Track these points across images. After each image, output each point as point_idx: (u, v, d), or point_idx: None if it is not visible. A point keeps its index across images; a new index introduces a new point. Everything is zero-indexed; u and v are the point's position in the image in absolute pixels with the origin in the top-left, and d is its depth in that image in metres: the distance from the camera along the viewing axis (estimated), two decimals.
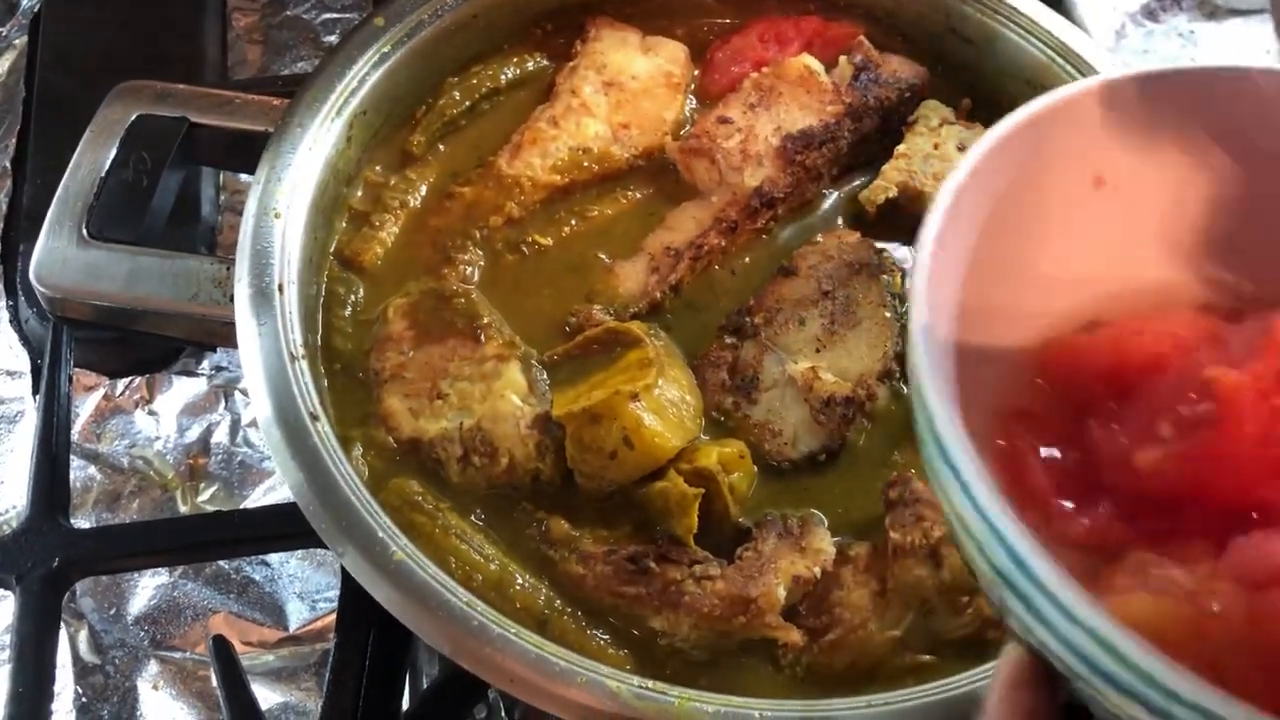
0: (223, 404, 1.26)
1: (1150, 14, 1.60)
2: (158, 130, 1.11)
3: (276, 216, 1.02)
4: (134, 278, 1.04)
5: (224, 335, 1.02)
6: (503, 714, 1.08)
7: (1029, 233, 0.65)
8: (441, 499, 0.97)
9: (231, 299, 0.99)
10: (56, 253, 1.05)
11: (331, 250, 1.11)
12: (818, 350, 1.04)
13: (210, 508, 1.21)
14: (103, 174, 1.08)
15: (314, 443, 0.91)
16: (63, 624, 1.04)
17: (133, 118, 1.11)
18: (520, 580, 0.93)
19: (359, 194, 1.15)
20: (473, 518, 0.97)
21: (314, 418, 0.92)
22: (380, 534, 0.87)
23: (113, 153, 1.09)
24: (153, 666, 1.12)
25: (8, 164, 1.40)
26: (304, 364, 0.96)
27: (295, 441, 0.91)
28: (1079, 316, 0.67)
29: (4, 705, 0.96)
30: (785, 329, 1.05)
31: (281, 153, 1.06)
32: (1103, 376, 0.64)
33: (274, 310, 0.97)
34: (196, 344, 1.23)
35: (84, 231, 1.05)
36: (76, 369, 1.21)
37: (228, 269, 1.03)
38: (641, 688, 0.83)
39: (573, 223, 1.14)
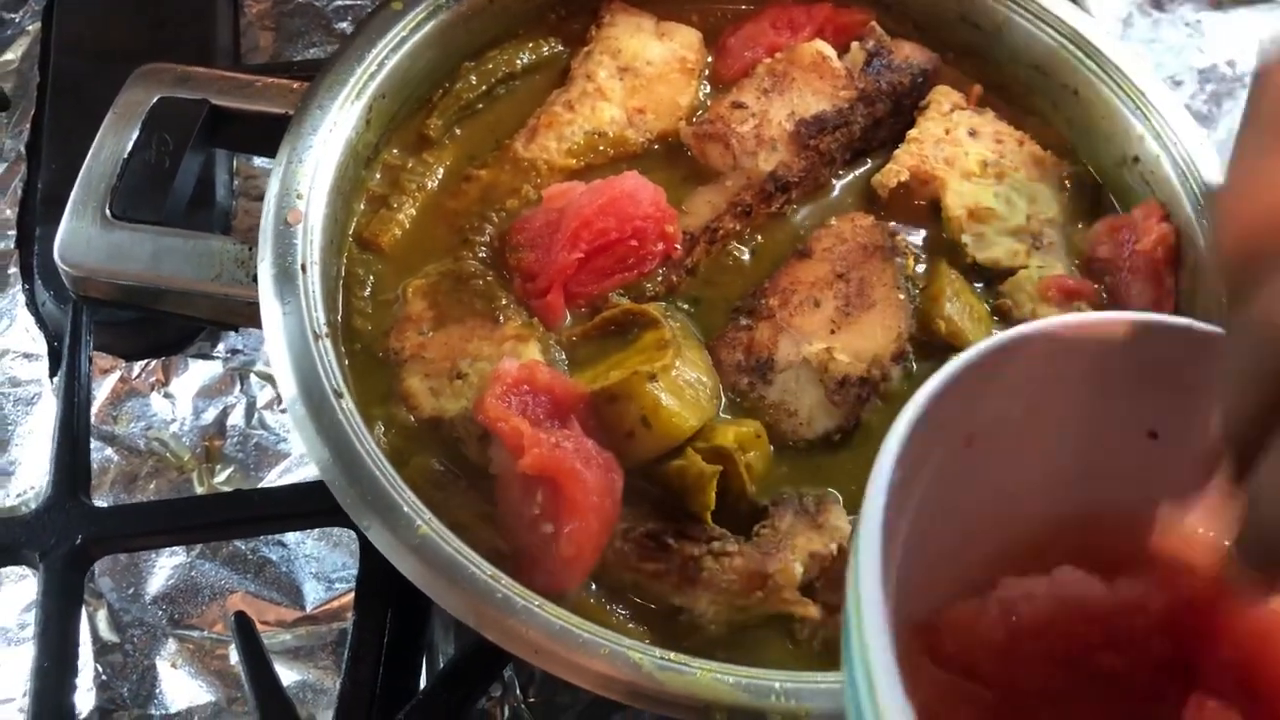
0: (238, 386, 1.27)
1: (1157, 3, 1.61)
2: (179, 112, 1.11)
3: (299, 197, 1.03)
4: (157, 257, 1.05)
5: (246, 315, 1.03)
6: (517, 692, 1.09)
7: (933, 498, 0.66)
8: (462, 477, 0.98)
9: (254, 279, 1.00)
10: (80, 233, 1.05)
11: (350, 232, 1.12)
12: (832, 331, 1.05)
13: (226, 489, 1.21)
14: (125, 155, 1.09)
15: (339, 419, 0.92)
16: (83, 603, 1.05)
17: (154, 100, 1.12)
18: None
19: (377, 176, 1.16)
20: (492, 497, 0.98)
21: (338, 395, 0.93)
22: (405, 508, 0.88)
23: (135, 134, 1.10)
24: (171, 645, 1.13)
25: (22, 149, 1.40)
26: (327, 342, 0.97)
27: (320, 418, 0.92)
28: (975, 579, 0.68)
29: (29, 679, 0.96)
30: (800, 311, 1.06)
31: (302, 135, 1.07)
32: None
33: (297, 289, 0.98)
34: (218, 324, 1.23)
35: (107, 212, 1.06)
36: (93, 351, 1.22)
37: (250, 249, 1.03)
38: (663, 659, 0.84)
39: None
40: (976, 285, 1.13)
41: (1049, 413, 0.68)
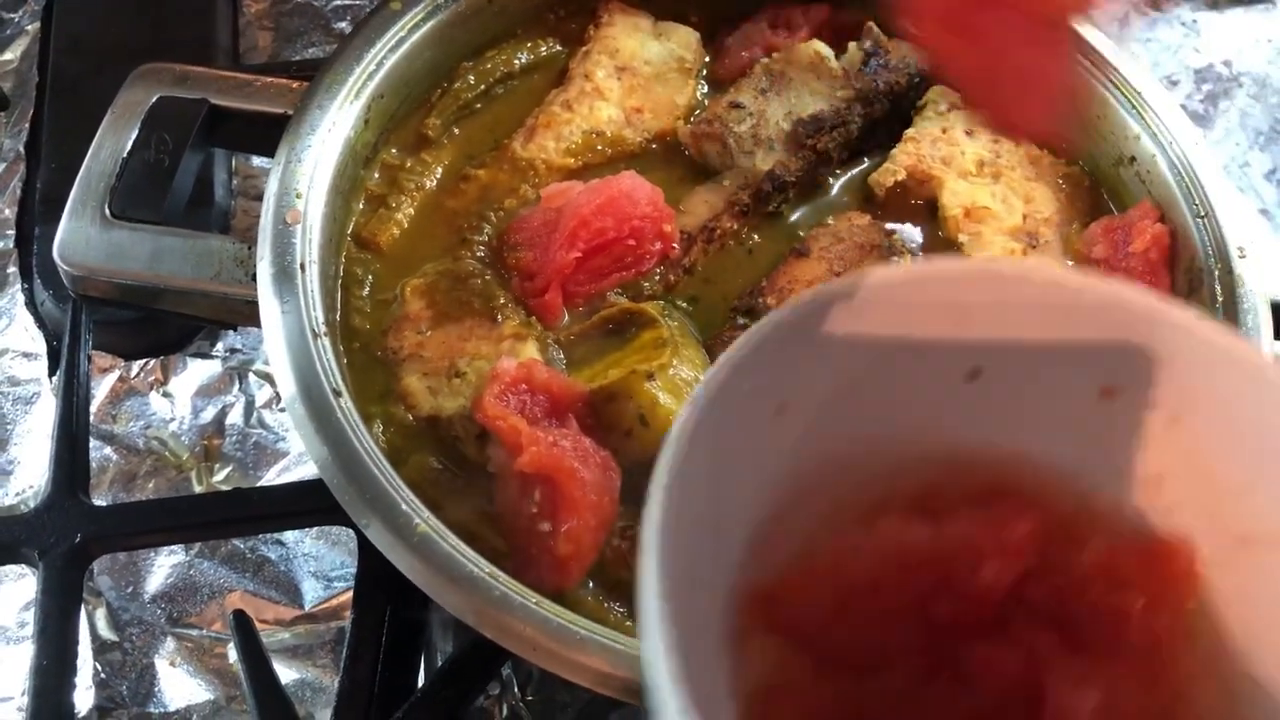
0: (237, 386, 1.27)
1: (1153, 2, 1.62)
2: (178, 112, 1.12)
3: (298, 196, 1.04)
4: (156, 257, 1.05)
5: (245, 314, 1.03)
6: (515, 690, 1.09)
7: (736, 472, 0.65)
8: (460, 475, 0.98)
9: (253, 278, 1.00)
10: (79, 232, 1.05)
11: (349, 231, 1.12)
12: None
13: (225, 488, 1.21)
14: (125, 155, 1.09)
15: (338, 418, 0.92)
16: (82, 602, 1.05)
17: (154, 99, 1.12)
18: None
19: (375, 176, 1.16)
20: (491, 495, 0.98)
21: (337, 393, 0.94)
22: (404, 506, 0.88)
23: (134, 134, 1.10)
24: (170, 644, 1.13)
25: (21, 149, 1.40)
26: (325, 341, 0.97)
27: (319, 417, 0.92)
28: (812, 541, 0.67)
29: (28, 678, 0.97)
30: None
31: (301, 134, 1.07)
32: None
33: (296, 289, 0.99)
34: (217, 323, 1.23)
35: (106, 211, 1.06)
36: (92, 351, 1.22)
37: (249, 248, 1.04)
38: None
39: None
40: None
41: (861, 370, 0.67)
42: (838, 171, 1.21)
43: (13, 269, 1.33)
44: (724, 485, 0.62)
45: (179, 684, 1.11)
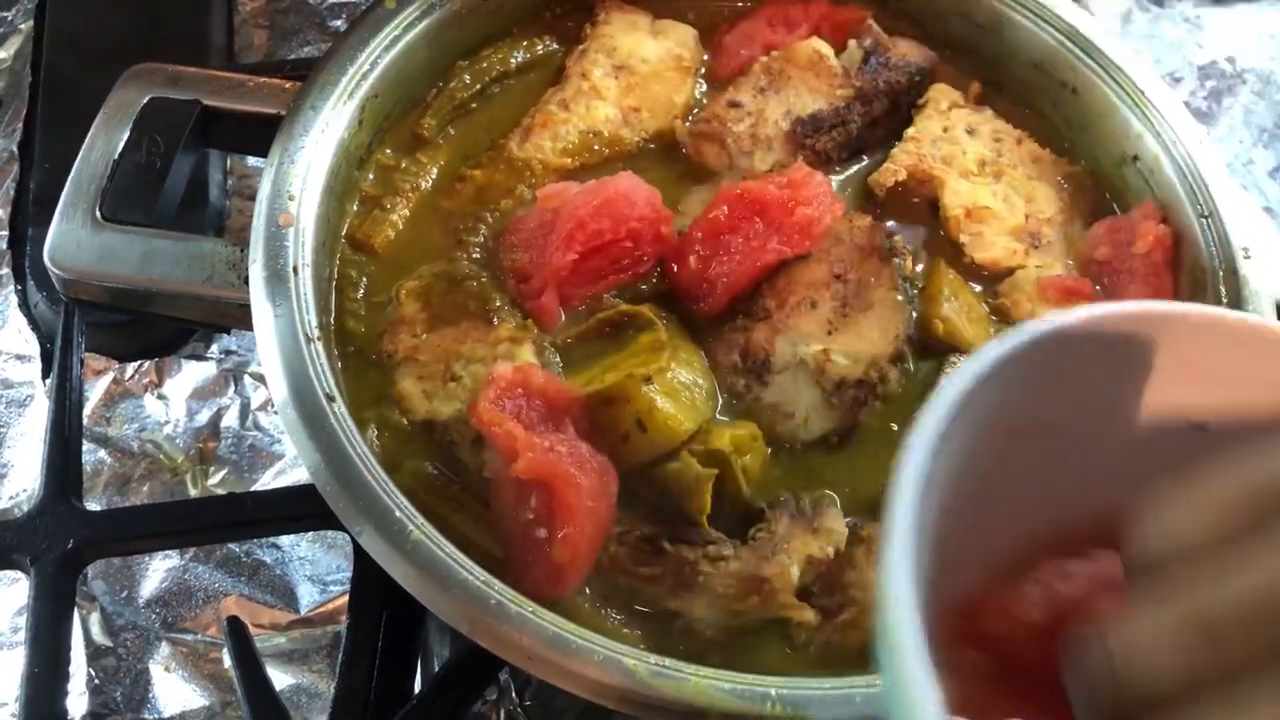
0: (232, 388, 1.26)
1: None
2: (170, 113, 1.11)
3: (290, 198, 1.03)
4: (148, 260, 1.04)
5: (238, 317, 1.02)
6: (513, 695, 1.08)
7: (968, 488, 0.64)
8: (455, 480, 0.97)
9: (246, 281, 0.99)
10: (70, 235, 1.04)
11: (343, 233, 1.11)
12: (829, 333, 1.04)
13: (220, 491, 1.21)
14: (116, 156, 1.08)
15: (331, 423, 0.91)
16: (75, 607, 1.05)
17: (145, 100, 1.11)
18: None
19: (370, 177, 1.15)
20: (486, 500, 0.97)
21: (330, 399, 0.93)
22: (398, 513, 0.87)
23: (125, 135, 1.09)
24: (164, 649, 1.12)
25: (14, 149, 1.40)
26: (319, 345, 0.96)
27: (312, 422, 0.91)
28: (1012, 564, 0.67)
29: (20, 686, 0.96)
30: (797, 312, 1.05)
31: (294, 135, 1.06)
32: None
33: (289, 292, 0.97)
34: (210, 326, 1.23)
35: (97, 214, 1.05)
36: (86, 353, 1.21)
37: (241, 251, 1.03)
38: (658, 666, 0.84)
39: None
40: (974, 285, 1.12)
41: (1092, 403, 0.67)
42: (837, 170, 1.20)
43: (5, 270, 1.32)
44: (948, 490, 0.61)
45: (174, 690, 1.10)
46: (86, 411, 1.22)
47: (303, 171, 1.05)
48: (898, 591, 0.54)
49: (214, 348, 1.28)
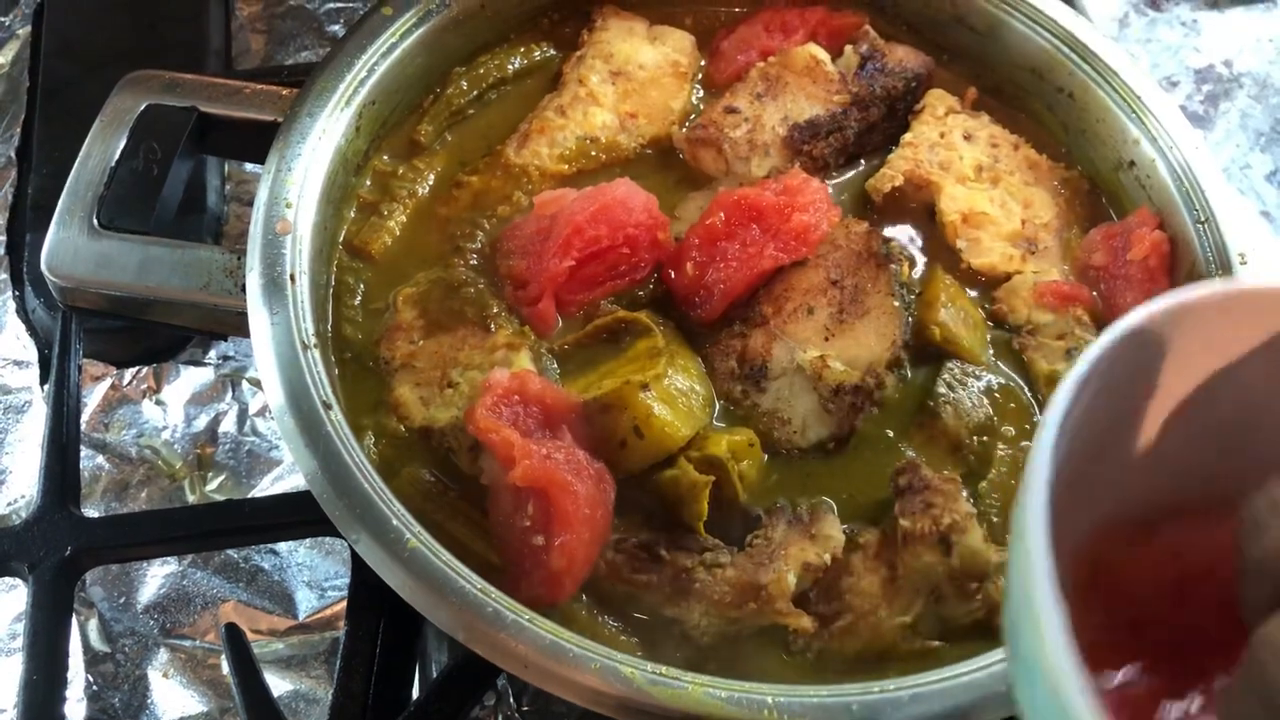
0: (230, 393, 1.26)
1: (1153, 3, 1.61)
2: (167, 120, 1.11)
3: (288, 206, 1.03)
4: (145, 267, 1.04)
5: (235, 324, 1.02)
6: (511, 701, 1.08)
7: (1122, 426, 0.67)
8: (453, 487, 0.98)
9: (243, 289, 0.99)
10: (68, 242, 1.05)
11: (340, 240, 1.11)
12: (826, 339, 1.04)
13: (218, 497, 1.21)
14: (113, 164, 1.08)
15: (327, 431, 0.91)
16: (73, 613, 1.05)
17: (142, 107, 1.11)
18: None
19: (367, 183, 1.15)
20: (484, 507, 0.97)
21: (327, 406, 0.93)
22: (394, 521, 0.87)
23: (123, 142, 1.09)
24: (163, 655, 1.12)
25: (12, 154, 1.40)
26: (315, 353, 0.96)
27: (309, 430, 0.91)
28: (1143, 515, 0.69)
29: (18, 692, 0.96)
30: (794, 318, 1.06)
31: (291, 142, 1.06)
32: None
33: (286, 299, 0.98)
34: (207, 333, 1.23)
35: (95, 221, 1.05)
36: (84, 359, 1.21)
37: (239, 259, 1.03)
38: (655, 673, 0.84)
39: None
40: (971, 291, 1.12)
41: (1235, 371, 0.68)
42: (834, 175, 1.20)
43: (3, 276, 1.32)
44: (1086, 439, 0.63)
45: (172, 696, 1.10)
46: (84, 417, 1.22)
47: (300, 178, 1.05)
48: (1035, 517, 0.56)
49: (211, 353, 1.28)
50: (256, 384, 1.26)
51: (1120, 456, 0.68)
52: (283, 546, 1.17)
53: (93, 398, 1.25)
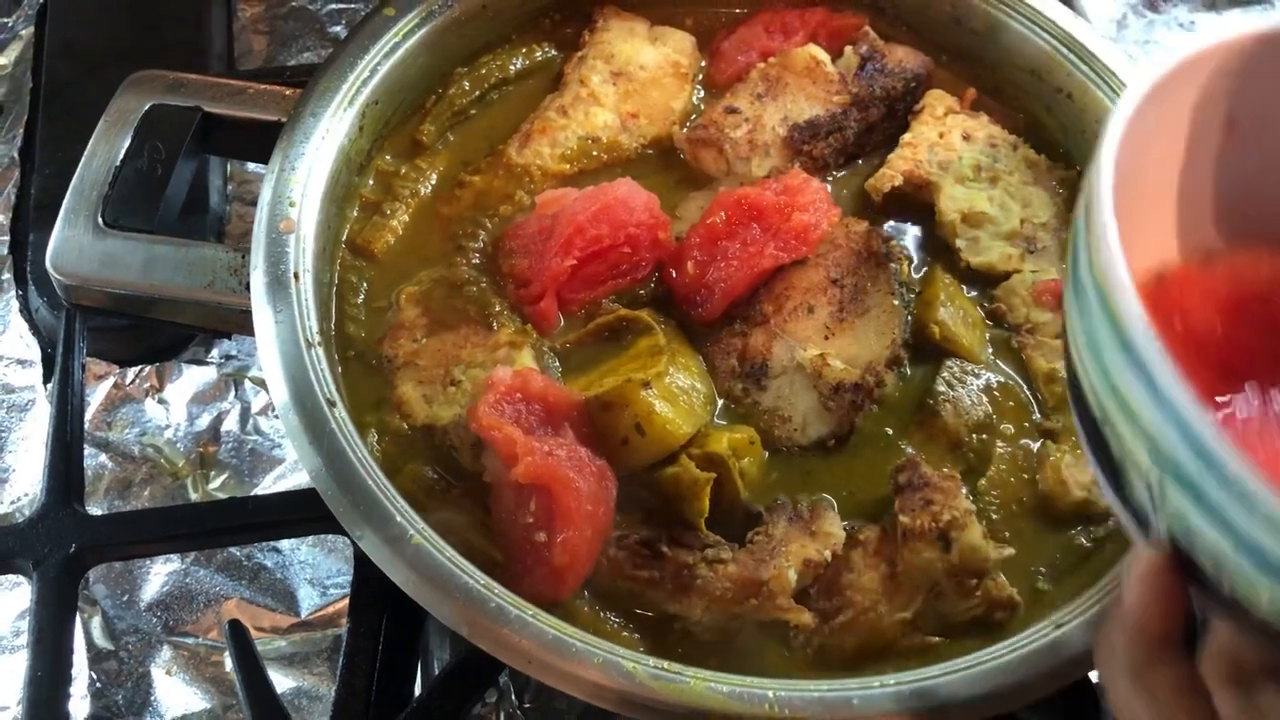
0: (233, 392, 1.27)
1: (1151, 4, 1.62)
2: (171, 119, 1.11)
3: (291, 204, 1.03)
4: (150, 266, 1.04)
5: (239, 323, 1.02)
6: (513, 698, 1.09)
7: (1169, 162, 0.70)
8: (456, 485, 0.98)
9: (247, 287, 1.00)
10: (72, 241, 1.05)
11: (344, 238, 1.12)
12: (826, 337, 1.05)
13: (221, 495, 1.21)
14: (117, 163, 1.09)
15: (331, 428, 0.92)
16: (77, 610, 1.05)
17: (146, 107, 1.11)
18: None
19: (370, 183, 1.16)
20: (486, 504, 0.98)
21: (330, 403, 0.93)
22: (398, 518, 0.88)
23: (127, 142, 1.10)
24: (166, 652, 1.13)
25: (15, 154, 1.40)
26: (319, 350, 0.97)
27: (313, 427, 0.92)
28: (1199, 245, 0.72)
29: (23, 689, 0.96)
30: (794, 316, 1.06)
31: (295, 142, 1.07)
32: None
33: (290, 297, 0.98)
34: (211, 331, 1.23)
35: (99, 220, 1.06)
36: (87, 358, 1.22)
37: (243, 257, 1.03)
38: (657, 668, 0.84)
39: None
40: (970, 290, 1.13)
41: None
42: (834, 175, 1.20)
43: (7, 275, 1.33)
44: (1155, 159, 0.66)
45: (175, 693, 1.11)
46: (88, 416, 1.23)
47: (303, 178, 1.05)
48: (1108, 146, 0.60)
49: (214, 352, 1.29)
50: (259, 383, 1.27)
51: (1188, 174, 0.71)
52: (285, 544, 1.18)
53: (95, 396, 1.26)
